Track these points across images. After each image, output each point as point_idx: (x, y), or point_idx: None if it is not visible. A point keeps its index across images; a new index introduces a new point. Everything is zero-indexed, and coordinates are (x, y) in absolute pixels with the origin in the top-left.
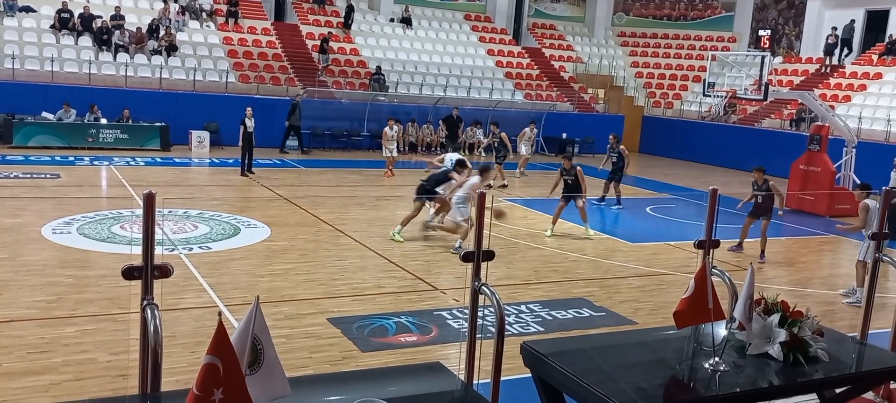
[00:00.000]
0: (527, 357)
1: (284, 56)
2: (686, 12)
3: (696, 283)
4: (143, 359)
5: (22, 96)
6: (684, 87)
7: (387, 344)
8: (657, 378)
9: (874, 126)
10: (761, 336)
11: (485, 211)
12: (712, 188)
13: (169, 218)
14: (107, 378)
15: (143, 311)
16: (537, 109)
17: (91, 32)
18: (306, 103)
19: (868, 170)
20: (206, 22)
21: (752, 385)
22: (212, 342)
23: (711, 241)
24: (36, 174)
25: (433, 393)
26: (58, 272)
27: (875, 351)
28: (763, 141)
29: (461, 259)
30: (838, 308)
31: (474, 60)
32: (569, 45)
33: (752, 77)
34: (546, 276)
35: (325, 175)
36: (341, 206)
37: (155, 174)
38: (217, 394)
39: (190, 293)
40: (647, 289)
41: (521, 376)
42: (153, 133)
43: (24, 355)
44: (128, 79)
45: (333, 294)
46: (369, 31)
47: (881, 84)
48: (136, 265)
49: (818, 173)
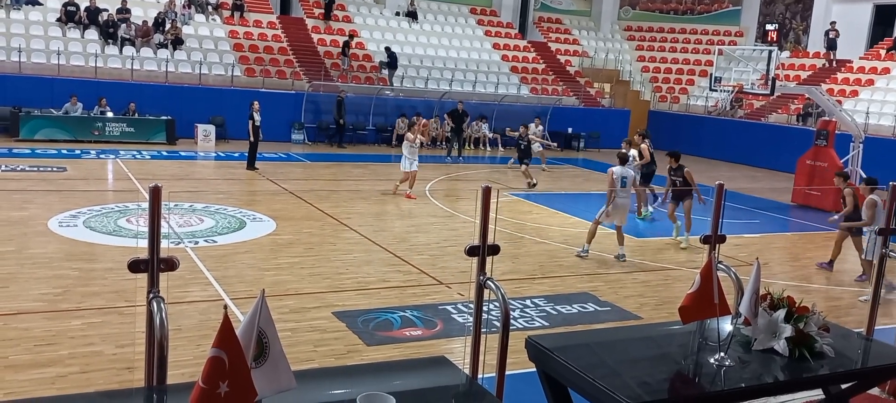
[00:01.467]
0: (532, 351)
1: (290, 50)
2: (693, 6)
3: (701, 278)
4: (149, 352)
5: (28, 89)
6: (691, 82)
7: (392, 338)
8: (662, 373)
9: (882, 121)
10: (767, 331)
11: (490, 207)
12: (719, 183)
13: (175, 211)
14: (113, 371)
15: (148, 304)
16: (543, 104)
17: (97, 26)
18: (311, 97)
19: (875, 165)
20: (212, 15)
21: (758, 381)
22: (217, 335)
23: (717, 236)
24: (42, 167)
25: (438, 387)
26: (64, 265)
27: (881, 347)
28: (769, 136)
29: (466, 252)
30: (846, 303)
31: (480, 54)
32: (575, 39)
33: (759, 71)
34: (551, 271)
35: (330, 169)
36: (346, 200)
37: (161, 167)
38: (223, 387)
39: (195, 286)
40: (652, 284)
41: (526, 370)
42: (159, 126)
43: (31, 347)
44: (134, 73)
45: (338, 288)
46: (375, 25)
47: (889, 79)
48: (142, 258)
49: (825, 168)
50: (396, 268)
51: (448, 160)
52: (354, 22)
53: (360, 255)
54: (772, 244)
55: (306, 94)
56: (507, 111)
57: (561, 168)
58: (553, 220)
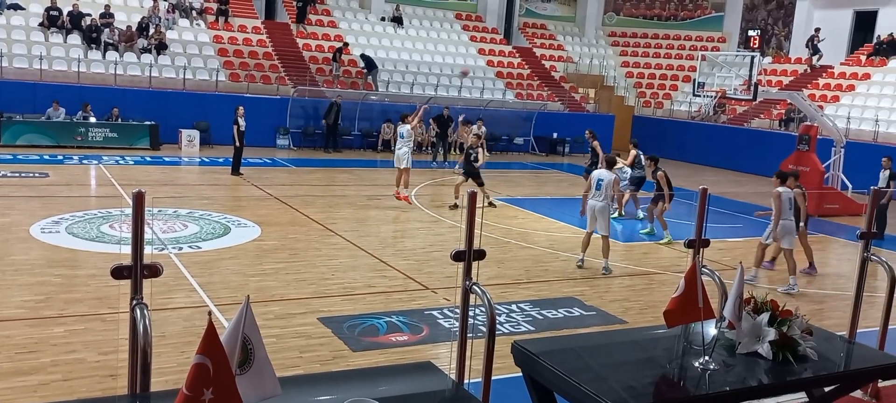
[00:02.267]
0: (517, 356)
1: (275, 55)
2: (676, 12)
3: (686, 282)
4: (133, 359)
5: (10, 94)
6: (674, 87)
7: (377, 344)
8: (647, 377)
9: (863, 126)
10: (751, 335)
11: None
12: (702, 187)
13: (158, 217)
14: (96, 378)
15: (132, 311)
16: (528, 109)
17: (80, 30)
18: (296, 102)
19: (856, 170)
20: (196, 20)
21: (742, 384)
22: (202, 342)
23: (701, 240)
24: (24, 173)
25: (424, 393)
26: (46, 271)
27: (863, 350)
28: (752, 140)
29: (452, 257)
30: (827, 306)
31: (465, 60)
32: (559, 45)
33: (741, 77)
34: (537, 275)
35: (315, 174)
36: (332, 206)
37: (144, 173)
38: (207, 394)
39: (180, 292)
40: (637, 288)
41: (512, 375)
42: (143, 132)
43: (13, 355)
44: (117, 78)
45: (324, 293)
46: (360, 31)
47: (869, 84)
48: (126, 264)
49: (807, 173)
50: (382, 274)
51: (433, 165)
52: (339, 27)
53: (346, 261)
54: (755, 248)
55: (291, 100)
56: (493, 116)
57: (546, 173)
58: (538, 225)
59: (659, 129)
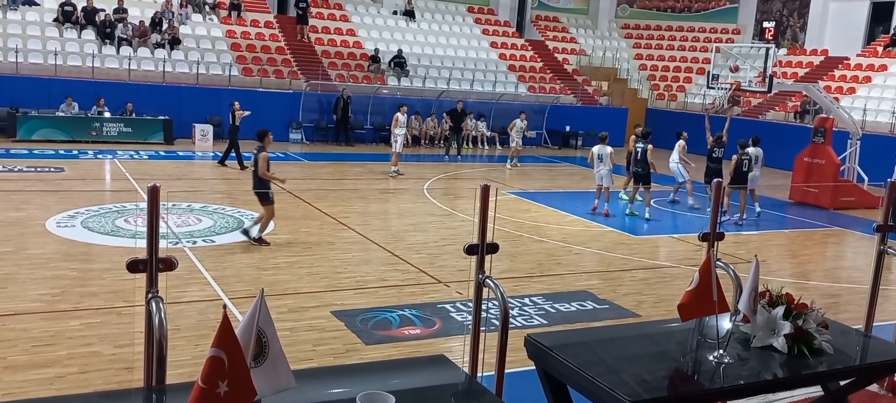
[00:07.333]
0: (530, 349)
1: (287, 49)
2: (690, 4)
3: (700, 276)
4: (148, 352)
5: (25, 90)
6: (688, 80)
7: (390, 337)
8: (661, 371)
9: (879, 118)
10: (766, 328)
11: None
12: (716, 180)
13: (173, 211)
14: (111, 371)
15: (147, 304)
16: (541, 102)
17: (94, 26)
18: (309, 96)
19: (872, 162)
20: (209, 15)
21: (757, 378)
22: (216, 334)
23: (716, 234)
24: (40, 167)
25: (437, 386)
26: (62, 265)
27: (879, 344)
28: (767, 133)
29: (465, 251)
30: (843, 300)
31: (477, 53)
32: (572, 38)
33: (756, 69)
34: (549, 269)
35: (327, 168)
36: (344, 199)
37: (158, 167)
38: (222, 387)
39: (194, 286)
40: (650, 282)
41: (525, 368)
42: (156, 126)
43: (29, 348)
44: (131, 73)
45: (337, 287)
46: (372, 24)
47: (886, 76)
48: (141, 258)
49: (822, 165)
50: (395, 267)
51: (446, 159)
52: (352, 21)
53: (359, 254)
54: (770, 241)
55: (303, 94)
56: (505, 110)
57: (559, 166)
58: (551, 218)
59: (673, 122)
